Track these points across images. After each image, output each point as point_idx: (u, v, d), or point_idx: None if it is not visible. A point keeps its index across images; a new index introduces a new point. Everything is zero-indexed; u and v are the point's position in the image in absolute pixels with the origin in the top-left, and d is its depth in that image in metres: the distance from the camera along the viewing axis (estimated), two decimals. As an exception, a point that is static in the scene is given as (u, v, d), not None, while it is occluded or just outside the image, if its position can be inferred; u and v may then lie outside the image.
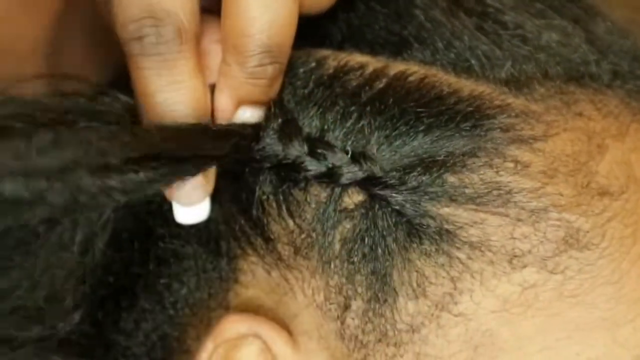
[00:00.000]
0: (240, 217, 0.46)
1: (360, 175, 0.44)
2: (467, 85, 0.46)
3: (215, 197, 0.46)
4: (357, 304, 0.44)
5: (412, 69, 0.46)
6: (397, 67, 0.46)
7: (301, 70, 0.46)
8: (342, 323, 0.44)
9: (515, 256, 0.43)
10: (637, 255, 0.44)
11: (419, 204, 0.44)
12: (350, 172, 0.44)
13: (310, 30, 0.48)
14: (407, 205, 0.44)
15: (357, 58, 0.47)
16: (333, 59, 0.46)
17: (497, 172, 0.44)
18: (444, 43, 0.47)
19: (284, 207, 0.45)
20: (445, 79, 0.46)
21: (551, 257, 0.43)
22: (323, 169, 0.44)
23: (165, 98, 0.42)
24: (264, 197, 0.46)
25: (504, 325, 0.43)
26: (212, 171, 0.44)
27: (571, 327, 0.43)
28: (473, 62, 0.46)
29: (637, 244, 0.44)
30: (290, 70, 0.46)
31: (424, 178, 0.44)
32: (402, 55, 0.47)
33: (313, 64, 0.46)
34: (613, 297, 0.43)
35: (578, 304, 0.43)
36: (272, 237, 0.46)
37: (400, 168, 0.44)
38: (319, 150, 0.44)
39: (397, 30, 0.47)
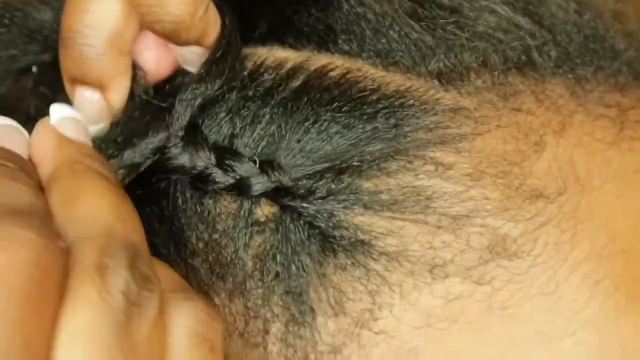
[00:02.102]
0: (161, 225, 0.43)
1: (270, 185, 0.41)
2: (393, 80, 0.42)
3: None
4: (276, 327, 0.41)
5: (336, 62, 0.43)
6: (319, 61, 0.43)
7: (213, 72, 0.43)
8: (265, 349, 0.41)
9: (436, 266, 0.40)
10: (576, 261, 0.40)
11: (332, 213, 0.40)
12: (259, 182, 0.41)
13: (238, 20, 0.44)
14: (319, 216, 0.41)
15: (277, 54, 0.43)
16: (250, 59, 0.43)
17: (416, 175, 0.40)
18: (371, 32, 0.43)
19: (198, 219, 0.42)
20: (371, 74, 0.42)
21: (476, 266, 0.39)
22: (231, 180, 0.41)
23: None
24: (183, 207, 0.43)
25: (430, 342, 0.39)
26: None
27: (504, 342, 0.39)
28: (402, 53, 0.43)
29: (576, 249, 0.40)
30: (203, 73, 0.43)
31: (333, 185, 0.40)
32: (327, 47, 0.43)
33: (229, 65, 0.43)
34: (549, 309, 0.39)
35: (510, 317, 0.39)
36: (191, 251, 0.43)
37: (311, 176, 0.41)
38: (227, 161, 0.41)
39: (324, 19, 0.44)
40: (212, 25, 0.42)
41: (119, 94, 0.42)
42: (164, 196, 0.43)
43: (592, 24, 0.45)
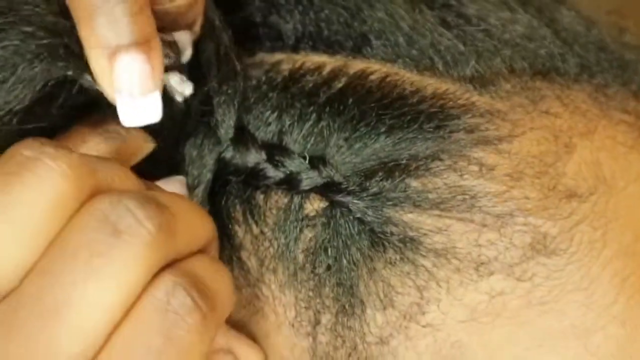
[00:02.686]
0: None
1: (320, 181, 0.42)
2: (430, 84, 0.44)
3: None
4: (326, 318, 0.42)
5: (373, 67, 0.44)
6: (356, 65, 0.44)
7: (253, 74, 0.44)
8: (314, 339, 0.43)
9: (482, 263, 0.42)
10: (607, 259, 0.42)
11: (381, 210, 0.42)
12: (309, 178, 0.42)
13: (263, 32, 0.46)
14: (369, 212, 0.42)
15: (313, 59, 0.45)
16: (287, 62, 0.45)
17: (461, 175, 0.42)
18: (405, 39, 0.45)
19: (248, 213, 0.43)
20: (408, 77, 0.44)
21: (518, 263, 0.42)
22: (281, 175, 0.42)
23: None
24: (231, 202, 0.44)
25: (473, 335, 0.41)
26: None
27: (541, 335, 0.41)
28: (436, 59, 0.45)
29: (607, 247, 0.42)
30: (241, 76, 0.44)
31: (385, 183, 0.42)
32: (362, 53, 0.45)
33: (266, 68, 0.45)
34: (583, 304, 0.42)
35: (547, 312, 0.42)
36: (238, 245, 0.44)
37: (361, 173, 0.42)
38: (277, 157, 0.42)
39: (357, 26, 0.45)
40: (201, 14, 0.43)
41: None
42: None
43: (600, 38, 0.48)
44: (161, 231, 0.36)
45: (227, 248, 0.44)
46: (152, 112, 0.39)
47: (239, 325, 0.44)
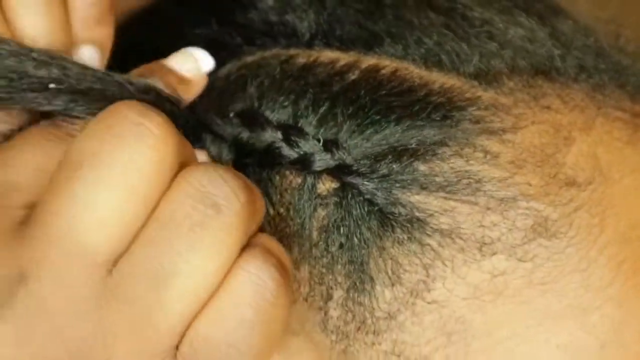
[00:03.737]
0: None
1: (332, 163, 0.44)
2: (437, 79, 0.46)
3: None
4: (338, 293, 0.44)
5: (384, 62, 0.47)
6: (368, 61, 0.47)
7: (269, 62, 0.47)
8: (325, 314, 0.45)
9: (485, 244, 0.44)
10: (603, 243, 0.44)
11: (390, 191, 0.44)
12: (322, 159, 0.44)
13: (277, 29, 0.48)
14: (378, 194, 0.44)
15: (327, 54, 0.47)
16: (302, 56, 0.47)
17: (467, 161, 0.44)
18: (414, 39, 0.48)
19: (264, 194, 0.45)
20: (417, 72, 0.47)
21: (520, 245, 0.44)
22: (295, 155, 0.45)
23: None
24: None
25: (476, 312, 0.43)
26: None
27: (541, 314, 0.43)
28: (443, 57, 0.47)
29: (604, 233, 0.45)
30: (256, 65, 0.47)
31: (394, 166, 0.44)
32: (373, 50, 0.47)
33: (282, 59, 0.47)
34: (581, 285, 0.44)
35: (547, 292, 0.44)
36: None
37: (371, 156, 0.45)
38: (292, 137, 0.45)
39: (369, 26, 0.48)
40: None
41: None
42: None
43: (598, 44, 0.50)
44: (251, 203, 0.39)
45: None
46: None
47: None
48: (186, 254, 0.38)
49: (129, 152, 0.38)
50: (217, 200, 0.38)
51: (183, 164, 0.39)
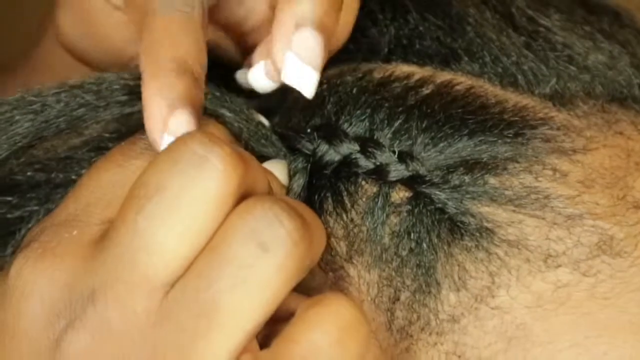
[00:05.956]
0: None
1: (406, 174, 0.47)
2: (512, 98, 0.48)
3: None
4: (405, 295, 0.46)
5: (459, 79, 0.49)
6: (443, 76, 0.49)
7: (346, 79, 0.49)
8: (392, 314, 0.46)
9: (550, 256, 0.45)
10: None
11: (461, 202, 0.46)
12: (397, 170, 0.47)
13: (358, 41, 0.51)
14: (450, 203, 0.46)
15: (403, 68, 0.49)
16: (378, 71, 0.49)
17: (536, 177, 0.46)
18: (492, 58, 0.49)
19: (338, 202, 0.47)
20: (491, 90, 0.49)
21: (584, 260, 0.45)
22: (371, 165, 0.47)
23: None
24: (321, 193, 0.48)
25: (537, 320, 0.45)
26: None
27: (601, 326, 0.45)
28: (519, 77, 0.49)
29: None
30: (334, 79, 0.49)
31: (466, 178, 0.46)
32: (450, 67, 0.50)
33: (359, 75, 0.49)
34: None
35: (608, 306, 0.45)
36: (327, 232, 0.47)
37: (444, 167, 0.47)
38: (369, 149, 0.47)
39: (448, 43, 0.50)
40: None
41: None
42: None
43: None
44: (305, 241, 0.40)
45: None
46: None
47: None
48: (230, 292, 0.40)
49: (191, 189, 0.40)
50: (266, 240, 0.40)
51: (246, 193, 0.41)
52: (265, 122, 0.49)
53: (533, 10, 0.51)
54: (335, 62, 0.50)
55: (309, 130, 0.48)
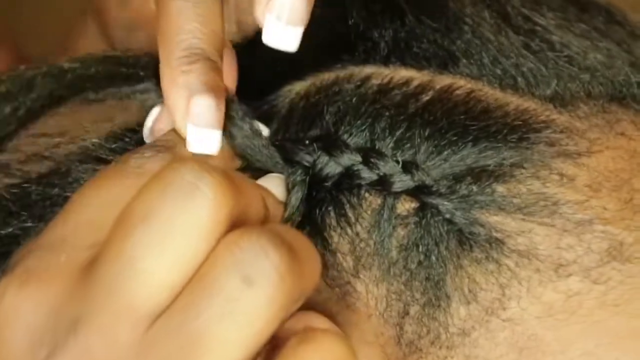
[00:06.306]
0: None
1: (412, 184, 0.46)
2: (513, 101, 0.47)
3: None
4: (414, 309, 0.45)
5: (459, 83, 0.48)
6: (443, 80, 0.48)
7: (345, 87, 0.48)
8: (401, 329, 0.46)
9: (561, 265, 0.45)
10: None
11: (469, 212, 0.45)
12: (402, 180, 0.46)
13: (356, 42, 0.49)
14: (458, 214, 0.45)
15: (401, 73, 0.48)
16: (376, 77, 0.48)
17: (543, 183, 0.46)
18: (490, 59, 0.48)
19: (342, 216, 0.46)
20: (492, 94, 0.48)
21: (595, 267, 0.45)
22: (375, 177, 0.46)
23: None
24: (323, 207, 0.47)
25: (548, 330, 0.44)
26: None
27: (612, 334, 0.44)
28: (519, 78, 0.48)
29: None
30: (331, 88, 0.48)
31: (473, 187, 0.45)
32: (448, 70, 0.48)
33: (356, 83, 0.48)
34: None
35: (619, 313, 0.45)
36: (332, 247, 0.47)
37: (450, 177, 0.46)
38: (372, 160, 0.46)
39: (446, 45, 0.49)
40: None
41: None
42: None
43: None
44: (293, 273, 0.39)
45: (323, 253, 0.47)
46: (212, 144, 0.45)
47: (328, 316, 0.47)
48: (217, 324, 0.39)
49: (181, 218, 0.39)
50: (251, 273, 0.39)
51: (238, 220, 0.40)
52: (265, 130, 0.48)
53: (528, 9, 0.50)
54: (330, 67, 0.49)
55: (307, 142, 0.47)
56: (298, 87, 0.50)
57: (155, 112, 0.47)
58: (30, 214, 0.47)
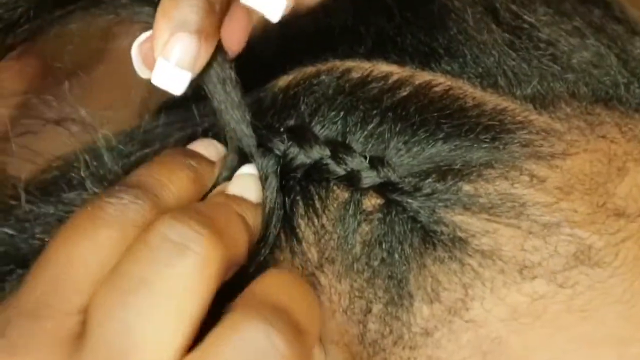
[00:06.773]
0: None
1: (378, 180, 0.45)
2: (491, 100, 0.47)
3: None
4: (377, 307, 0.45)
5: (438, 79, 0.47)
6: (422, 77, 0.47)
7: (322, 78, 0.48)
8: (364, 327, 0.45)
9: (526, 267, 0.44)
10: None
11: (433, 210, 0.45)
12: (369, 177, 0.45)
13: (341, 37, 0.49)
14: (422, 212, 0.45)
15: (381, 67, 0.48)
16: (356, 70, 0.48)
17: (512, 184, 0.45)
18: (472, 57, 0.48)
19: (309, 206, 0.46)
20: (471, 92, 0.47)
21: (561, 271, 0.44)
22: (342, 172, 0.45)
23: None
24: (294, 197, 0.47)
25: (513, 334, 0.43)
26: None
27: (578, 340, 0.43)
28: (500, 77, 0.47)
29: None
30: (310, 79, 0.48)
31: (438, 185, 0.45)
32: (429, 66, 0.48)
33: (337, 75, 0.48)
34: (623, 316, 0.43)
35: (586, 319, 0.43)
36: (299, 236, 0.46)
37: (417, 174, 0.45)
38: (340, 154, 0.45)
39: (428, 41, 0.48)
40: None
41: None
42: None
43: None
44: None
45: (290, 240, 0.47)
46: (178, 85, 0.44)
47: None
48: None
49: (177, 280, 0.39)
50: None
51: (229, 262, 0.41)
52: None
53: (517, 5, 0.49)
54: (312, 59, 0.49)
55: (282, 130, 0.47)
56: (282, 81, 0.50)
57: (148, 33, 0.46)
58: None
